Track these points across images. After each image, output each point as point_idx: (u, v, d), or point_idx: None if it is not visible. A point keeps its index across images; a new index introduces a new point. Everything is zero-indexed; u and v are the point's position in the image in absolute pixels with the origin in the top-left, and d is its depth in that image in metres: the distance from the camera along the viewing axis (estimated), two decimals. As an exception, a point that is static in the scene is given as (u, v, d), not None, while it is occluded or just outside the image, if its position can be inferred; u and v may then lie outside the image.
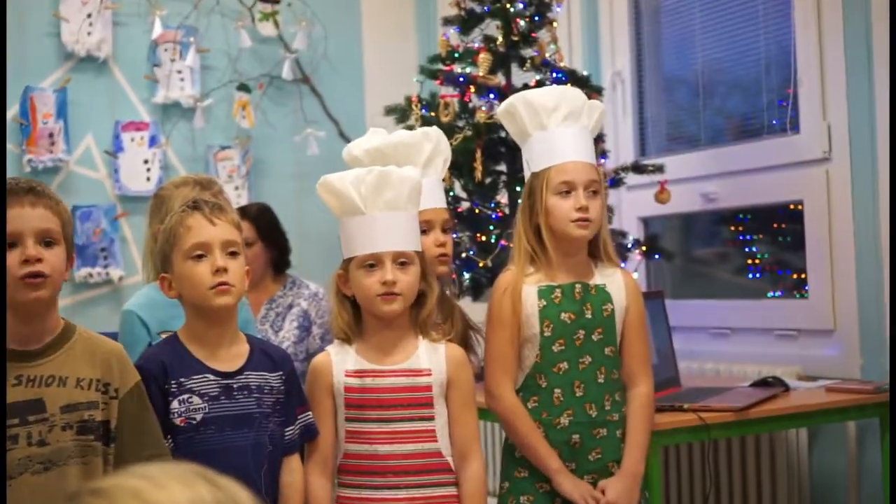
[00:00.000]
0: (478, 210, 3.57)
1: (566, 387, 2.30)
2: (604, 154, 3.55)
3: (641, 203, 3.89)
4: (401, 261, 2.11)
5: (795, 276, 3.56)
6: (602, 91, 3.67)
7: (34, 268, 1.76)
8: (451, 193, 3.50)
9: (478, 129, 3.44)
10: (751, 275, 3.77)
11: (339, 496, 2.14)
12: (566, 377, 2.30)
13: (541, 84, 3.42)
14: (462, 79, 3.55)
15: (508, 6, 3.56)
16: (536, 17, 3.59)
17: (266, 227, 3.68)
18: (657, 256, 3.72)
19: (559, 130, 2.32)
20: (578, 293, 2.31)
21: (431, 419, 2.12)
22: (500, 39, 3.57)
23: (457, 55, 3.64)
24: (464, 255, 3.49)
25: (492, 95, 3.51)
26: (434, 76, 3.67)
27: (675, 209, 3.75)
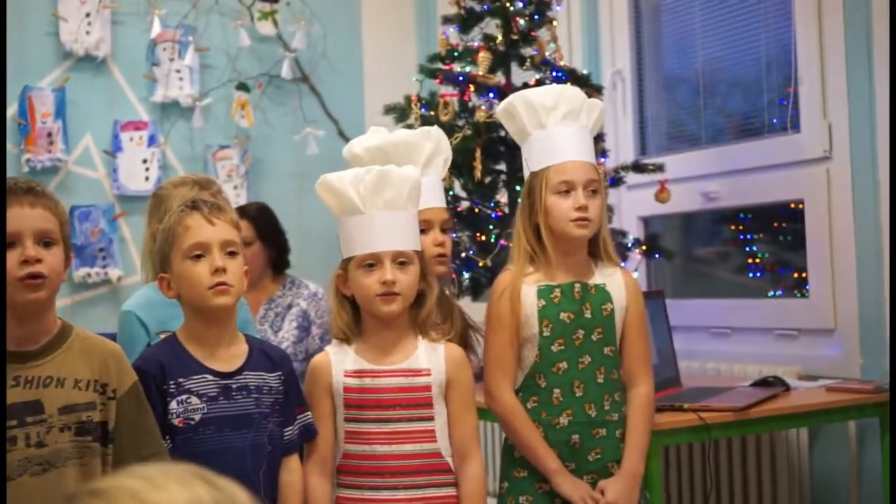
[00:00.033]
0: (477, 209, 3.56)
1: (565, 387, 2.29)
2: (604, 153, 3.54)
3: (642, 202, 3.88)
4: (400, 260, 2.10)
5: (796, 276, 3.55)
6: (602, 90, 3.66)
7: (33, 268, 1.76)
8: (451, 193, 3.49)
9: (477, 129, 3.43)
10: (751, 274, 3.76)
11: (338, 497, 2.13)
12: (565, 377, 2.29)
13: (541, 83, 3.41)
14: (462, 78, 3.54)
15: (508, 5, 3.55)
16: (536, 16, 3.58)
17: (265, 227, 3.68)
18: (657, 256, 3.71)
19: (558, 129, 2.31)
20: (578, 293, 2.30)
21: (431, 419, 2.11)
22: (500, 38, 3.56)
23: (456, 54, 3.63)
24: (463, 255, 3.48)
25: (491, 94, 3.51)
26: (433, 75, 3.66)
27: (676, 208, 3.74)
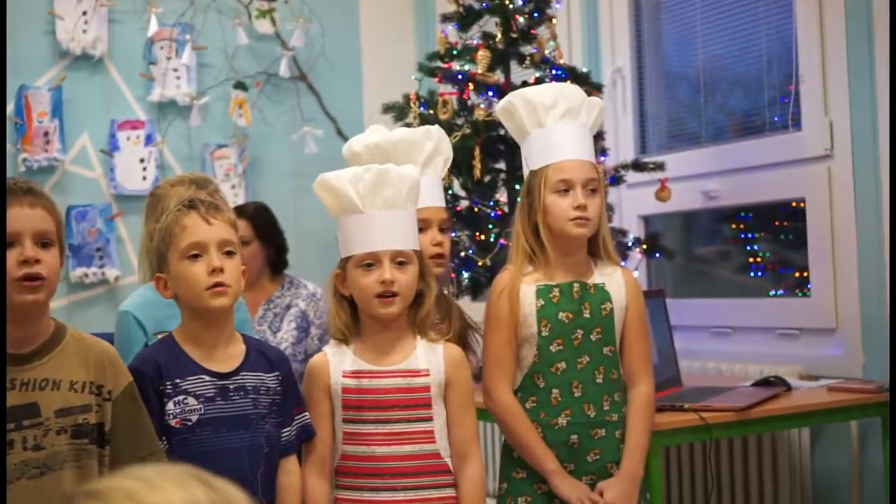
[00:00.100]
0: (477, 208, 3.55)
1: (564, 387, 2.27)
2: (604, 152, 3.53)
3: (642, 201, 3.87)
4: (399, 260, 2.09)
5: (797, 275, 3.54)
6: (602, 88, 3.65)
7: (32, 269, 1.75)
8: (450, 192, 3.47)
9: (476, 127, 3.41)
10: (752, 273, 3.75)
11: (337, 498, 2.12)
12: (564, 377, 2.28)
13: (540, 81, 3.39)
14: (461, 76, 3.53)
15: (507, 3, 3.53)
16: (536, 14, 3.57)
17: (263, 226, 3.67)
18: (658, 255, 3.70)
19: (557, 128, 2.30)
20: (577, 292, 2.29)
21: (430, 420, 2.10)
22: (499, 36, 3.55)
23: (455, 52, 3.62)
24: (462, 254, 3.47)
25: (490, 93, 3.49)
26: (432, 73, 3.65)
27: (676, 207, 3.73)
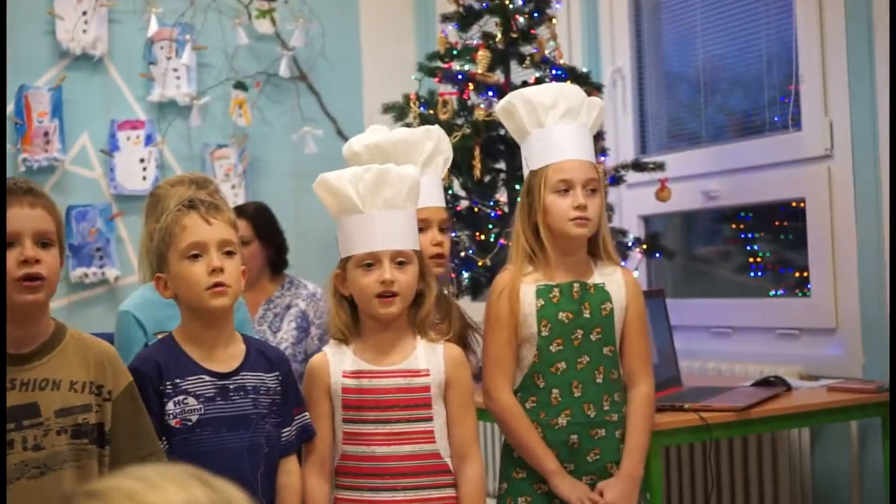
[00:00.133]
0: (477, 208, 3.55)
1: (564, 387, 2.27)
2: (604, 152, 3.53)
3: (642, 201, 3.87)
4: (399, 260, 2.09)
5: (797, 275, 3.53)
6: (602, 88, 3.64)
7: (32, 269, 1.75)
8: (450, 192, 3.47)
9: (476, 127, 3.41)
10: (752, 273, 3.75)
11: (337, 498, 2.12)
12: (564, 377, 2.27)
13: (540, 81, 3.39)
14: (461, 76, 3.52)
15: (507, 3, 3.53)
16: (536, 14, 3.56)
17: (263, 226, 3.66)
18: (658, 255, 3.70)
19: (557, 128, 2.30)
20: (577, 292, 2.29)
21: (430, 420, 2.10)
22: (499, 36, 3.54)
23: (455, 52, 3.62)
24: (463, 254, 3.46)
25: (490, 93, 3.49)
26: (432, 73, 3.64)
27: (676, 207, 3.73)
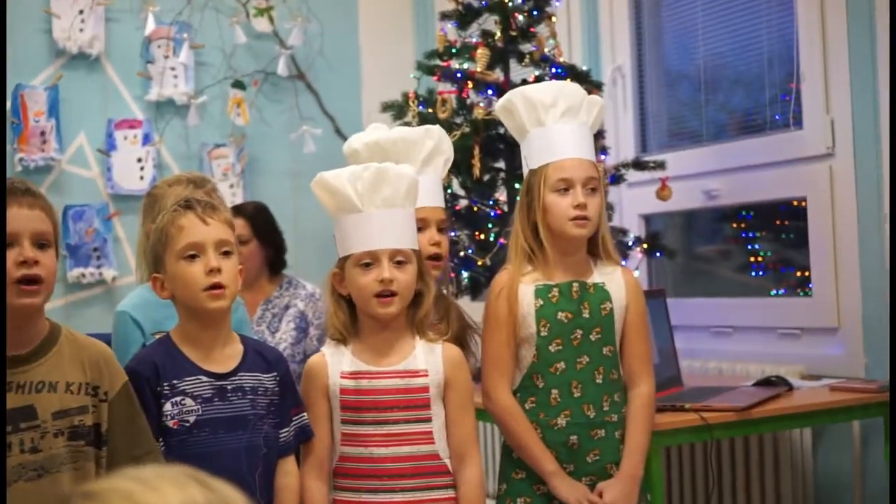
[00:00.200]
0: (476, 208, 3.53)
1: (563, 387, 2.26)
2: (604, 150, 3.52)
3: (642, 200, 3.86)
4: (398, 259, 2.07)
5: (799, 274, 3.52)
6: (602, 86, 3.63)
7: (31, 270, 1.74)
8: (450, 191, 3.46)
9: (476, 126, 3.40)
10: (753, 273, 3.74)
11: (335, 499, 2.11)
12: (563, 377, 2.26)
13: (540, 79, 3.38)
14: (460, 74, 3.51)
15: (507, 0, 3.51)
16: (535, 12, 3.55)
17: (262, 226, 3.65)
18: (658, 254, 3.68)
19: (557, 127, 2.28)
20: (576, 292, 2.27)
21: (428, 421, 2.08)
22: (499, 34, 3.53)
23: (454, 50, 3.60)
24: (462, 254, 3.45)
25: (490, 91, 3.47)
26: (431, 72, 3.63)
27: (677, 206, 3.72)
